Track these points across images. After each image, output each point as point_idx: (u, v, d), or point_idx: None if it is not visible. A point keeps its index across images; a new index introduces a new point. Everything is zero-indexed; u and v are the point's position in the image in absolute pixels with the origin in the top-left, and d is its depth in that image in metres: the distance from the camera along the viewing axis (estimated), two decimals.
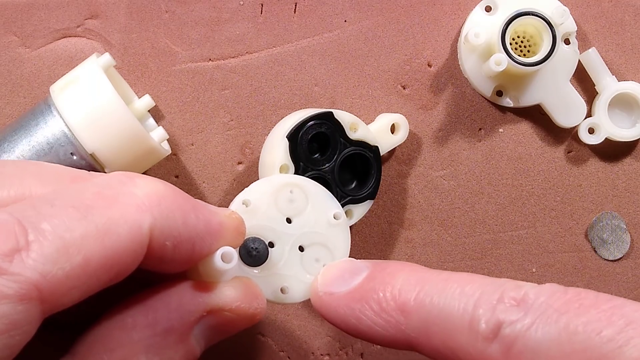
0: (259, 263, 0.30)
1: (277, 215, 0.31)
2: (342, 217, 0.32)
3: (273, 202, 0.31)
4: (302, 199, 0.32)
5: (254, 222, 0.31)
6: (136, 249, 0.24)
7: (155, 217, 0.25)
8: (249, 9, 0.41)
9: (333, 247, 0.32)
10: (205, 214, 0.27)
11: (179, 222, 0.25)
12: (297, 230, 0.31)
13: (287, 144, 0.36)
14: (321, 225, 0.32)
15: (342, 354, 0.42)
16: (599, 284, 0.43)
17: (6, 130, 0.36)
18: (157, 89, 0.40)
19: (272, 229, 0.31)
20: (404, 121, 0.40)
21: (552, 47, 0.38)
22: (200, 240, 0.26)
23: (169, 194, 0.26)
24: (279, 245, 0.31)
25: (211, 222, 0.27)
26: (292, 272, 0.31)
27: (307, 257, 0.32)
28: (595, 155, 0.42)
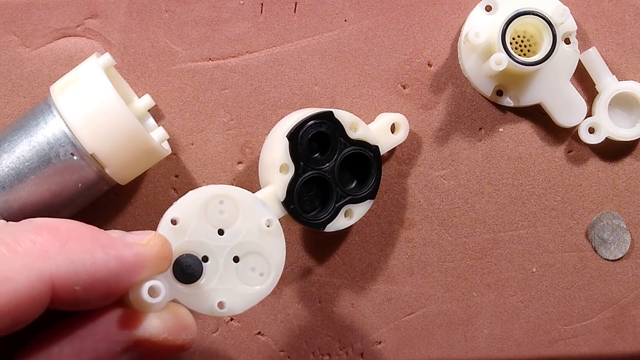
0: (193, 280, 0.30)
1: (208, 228, 0.31)
2: (275, 223, 0.32)
3: (203, 216, 0.31)
4: (232, 208, 0.31)
5: (185, 238, 0.30)
6: (36, 297, 0.24)
7: (59, 264, 0.24)
8: (249, 8, 0.41)
9: (268, 255, 0.32)
10: (118, 249, 0.26)
11: (86, 265, 0.25)
12: (230, 242, 0.31)
13: (287, 143, 0.36)
14: (254, 234, 0.31)
15: (342, 354, 0.42)
16: (599, 283, 0.43)
17: (6, 130, 0.36)
18: (157, 88, 0.40)
19: (204, 243, 0.30)
20: (404, 121, 0.40)
21: (552, 47, 0.38)
22: (115, 278, 0.26)
23: (75, 236, 0.25)
24: (213, 259, 0.31)
25: (124, 258, 0.26)
26: (229, 285, 0.31)
27: (242, 267, 0.31)
28: (595, 155, 0.42)
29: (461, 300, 0.42)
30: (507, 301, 0.43)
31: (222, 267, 0.31)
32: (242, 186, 0.41)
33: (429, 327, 0.42)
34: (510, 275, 0.42)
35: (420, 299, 0.42)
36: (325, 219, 0.37)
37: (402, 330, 0.42)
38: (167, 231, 0.30)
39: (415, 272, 0.42)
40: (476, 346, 0.43)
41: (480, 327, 0.42)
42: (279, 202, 0.36)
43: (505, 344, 0.43)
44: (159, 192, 0.41)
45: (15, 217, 0.35)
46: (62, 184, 0.35)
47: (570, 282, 0.43)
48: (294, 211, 0.36)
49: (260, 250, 0.32)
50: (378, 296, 0.42)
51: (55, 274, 0.24)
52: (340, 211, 0.37)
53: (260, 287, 0.32)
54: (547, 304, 0.43)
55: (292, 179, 0.36)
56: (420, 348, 0.42)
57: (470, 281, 0.42)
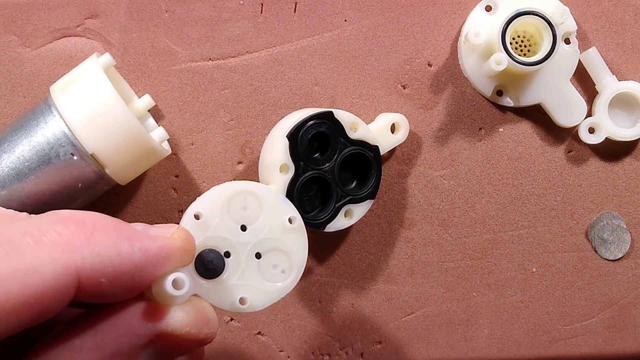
0: (215, 275, 0.30)
1: (231, 224, 0.31)
2: (298, 220, 0.32)
3: (226, 212, 0.31)
4: (255, 205, 0.31)
5: (208, 234, 0.30)
6: (62, 289, 0.24)
7: (85, 257, 0.24)
8: (249, 8, 0.41)
9: (290, 252, 0.32)
10: (143, 242, 0.26)
11: (112, 257, 0.25)
12: (252, 238, 0.31)
13: (287, 143, 0.36)
14: (277, 231, 0.32)
15: (342, 354, 0.42)
16: (599, 283, 0.43)
17: (6, 130, 0.36)
18: (157, 88, 0.40)
19: (227, 239, 0.31)
20: (404, 121, 0.40)
21: (552, 47, 0.38)
22: (140, 271, 0.26)
23: (100, 228, 0.25)
24: (235, 255, 0.31)
25: (150, 250, 0.26)
26: (250, 281, 0.31)
27: (264, 264, 0.31)
28: (595, 155, 0.42)
29: (461, 300, 0.42)
30: (507, 301, 0.43)
31: (244, 263, 0.31)
32: None
33: (429, 327, 0.42)
34: (510, 275, 0.42)
35: (420, 299, 0.42)
36: (325, 219, 0.37)
37: (402, 330, 0.42)
38: (190, 226, 0.30)
39: (415, 272, 0.42)
40: (476, 346, 0.43)
41: (480, 327, 0.42)
42: None
43: (505, 344, 0.43)
44: (159, 192, 0.41)
45: None
46: (62, 184, 0.35)
47: (570, 282, 0.43)
48: None
49: (282, 247, 0.32)
50: (378, 296, 0.42)
51: (81, 266, 0.24)
52: (340, 211, 0.37)
53: (282, 284, 0.32)
54: (547, 304, 0.43)
55: (292, 179, 0.36)
56: (420, 348, 0.42)
57: (470, 281, 0.42)
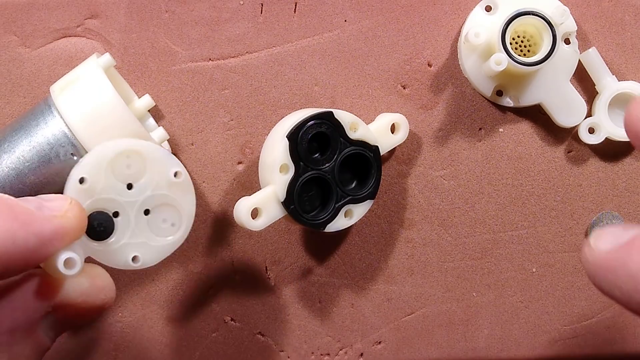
0: (105, 237, 0.30)
1: (116, 184, 0.31)
2: (184, 174, 0.32)
3: (110, 172, 0.31)
4: (139, 163, 0.31)
5: (95, 197, 0.30)
6: None
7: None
8: (249, 8, 0.41)
9: (178, 205, 0.32)
10: (37, 226, 0.26)
11: (7, 245, 0.25)
12: (139, 196, 0.31)
13: (287, 143, 0.36)
14: (163, 186, 0.32)
15: (342, 354, 0.42)
16: None
17: (6, 130, 0.36)
18: (157, 89, 0.40)
19: (114, 199, 0.31)
20: (404, 121, 0.40)
21: (552, 47, 0.38)
22: (34, 254, 0.26)
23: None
24: (124, 214, 0.31)
25: (43, 233, 0.26)
26: (141, 238, 0.31)
27: (153, 220, 0.32)
28: (595, 155, 0.42)
29: (461, 300, 0.42)
30: (507, 301, 0.43)
31: (133, 221, 0.31)
32: (242, 186, 0.41)
33: (429, 327, 0.42)
34: (510, 275, 0.42)
35: (420, 299, 0.42)
36: (325, 219, 0.37)
37: (402, 330, 0.42)
38: (76, 191, 0.30)
39: (415, 272, 0.42)
40: (476, 346, 0.43)
41: (480, 327, 0.42)
42: (279, 202, 0.36)
43: (505, 344, 0.43)
44: None
45: None
46: (62, 184, 0.35)
47: (570, 282, 0.43)
48: (294, 211, 0.36)
49: (170, 202, 0.32)
50: (378, 296, 0.42)
51: None
52: (340, 211, 0.37)
53: (173, 237, 0.32)
54: (547, 304, 0.43)
55: (292, 179, 0.36)
56: (420, 348, 0.42)
57: (470, 281, 0.42)
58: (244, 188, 0.41)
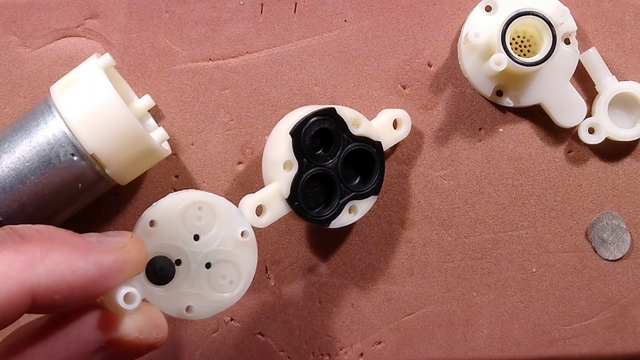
0: (164, 282, 0.30)
1: (184, 233, 0.31)
2: (250, 234, 0.32)
3: (181, 220, 0.31)
4: (210, 215, 0.32)
5: (161, 241, 0.30)
6: (15, 306, 0.24)
7: (40, 275, 0.24)
8: (249, 8, 0.41)
9: (240, 264, 0.32)
10: (97, 256, 0.26)
11: (67, 274, 0.25)
12: (204, 248, 0.31)
13: (291, 140, 0.36)
14: (228, 243, 0.32)
15: (342, 354, 0.42)
16: (599, 284, 0.43)
17: (6, 130, 0.36)
18: (157, 89, 0.40)
19: (179, 247, 0.31)
20: (406, 116, 0.40)
21: (552, 47, 0.38)
22: (93, 285, 0.26)
23: (55, 245, 0.25)
24: (186, 263, 0.31)
25: (104, 265, 0.26)
26: (198, 289, 0.31)
27: (213, 274, 0.32)
28: (595, 155, 0.42)
29: (461, 300, 0.42)
30: (507, 301, 0.43)
31: (193, 271, 0.31)
32: (242, 186, 0.41)
33: (429, 327, 0.42)
34: (510, 275, 0.42)
35: (420, 299, 0.42)
36: (329, 216, 0.37)
37: (402, 330, 0.42)
38: (144, 232, 0.30)
39: (415, 272, 0.42)
40: (476, 346, 0.43)
41: (480, 327, 0.42)
42: (283, 199, 0.36)
43: (505, 344, 0.43)
44: (159, 192, 0.41)
45: (16, 217, 0.35)
46: (62, 184, 0.35)
47: (570, 282, 0.43)
48: (299, 208, 0.36)
49: (232, 259, 0.32)
50: (378, 296, 0.42)
51: (36, 284, 0.24)
52: (344, 207, 0.37)
53: (229, 294, 0.32)
54: (547, 304, 0.43)
55: (295, 175, 0.36)
56: (420, 348, 0.42)
57: (470, 281, 0.42)
58: (244, 188, 0.41)
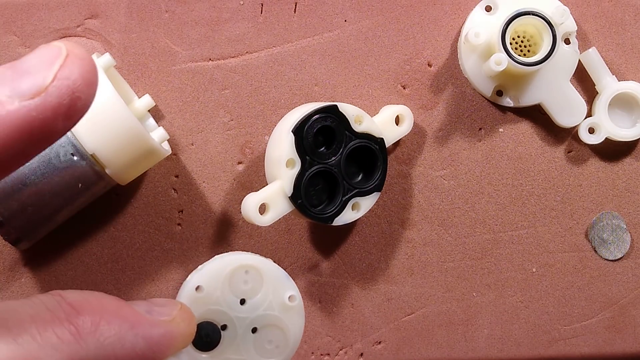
0: (210, 349, 0.30)
1: (230, 298, 0.30)
2: (298, 299, 0.31)
3: (227, 285, 0.30)
4: (257, 279, 0.31)
5: (207, 306, 0.30)
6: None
7: (89, 348, 0.24)
8: (249, 9, 0.41)
9: (286, 329, 0.31)
10: (146, 329, 0.25)
11: (116, 348, 0.24)
12: (251, 313, 0.30)
13: (293, 138, 0.36)
14: (276, 308, 0.31)
15: (342, 354, 0.42)
16: (599, 283, 0.43)
17: None
18: (157, 89, 0.40)
19: (225, 312, 0.30)
20: (408, 112, 0.40)
21: (552, 47, 0.38)
22: (141, 358, 0.25)
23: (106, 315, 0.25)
24: (232, 328, 0.30)
25: (152, 338, 0.25)
26: (244, 355, 0.30)
27: (259, 339, 0.31)
28: (595, 155, 0.42)
29: (461, 300, 0.42)
30: (507, 301, 0.43)
31: (240, 337, 0.30)
32: (242, 186, 0.41)
33: (429, 327, 0.42)
34: (510, 275, 0.42)
35: (420, 299, 0.42)
36: (332, 213, 0.37)
37: (402, 330, 0.42)
38: (190, 298, 0.30)
39: (415, 272, 0.42)
40: (476, 346, 0.43)
41: (480, 327, 0.42)
42: (286, 197, 0.36)
43: (505, 344, 0.43)
44: (159, 192, 0.41)
45: (16, 217, 0.35)
46: (62, 184, 0.35)
47: (570, 282, 0.43)
48: (302, 206, 0.36)
49: (279, 324, 0.31)
50: (378, 296, 0.42)
51: (85, 357, 0.24)
52: (347, 204, 0.37)
53: (275, 359, 0.31)
54: (547, 304, 0.43)
55: (298, 173, 0.36)
56: (420, 348, 0.42)
57: (470, 281, 0.42)
58: (244, 188, 0.41)
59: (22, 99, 0.21)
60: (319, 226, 0.41)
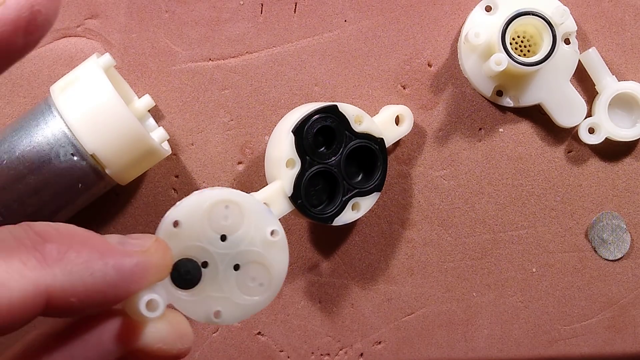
0: (190, 286, 0.29)
1: (210, 233, 0.29)
2: (280, 234, 0.30)
3: (206, 220, 0.29)
4: (237, 215, 0.30)
5: (186, 243, 0.29)
6: (29, 307, 0.23)
7: (56, 275, 0.23)
8: (249, 9, 0.41)
9: (270, 265, 0.30)
10: (117, 259, 0.25)
11: (84, 276, 0.24)
12: (232, 249, 0.29)
13: (293, 138, 0.36)
14: (257, 243, 0.30)
15: (342, 354, 0.42)
16: (599, 283, 0.43)
17: (6, 130, 0.36)
18: (157, 89, 0.40)
19: (205, 248, 0.29)
20: (408, 112, 0.40)
21: (552, 47, 0.38)
22: (113, 289, 0.25)
23: (74, 245, 0.24)
24: (213, 266, 0.29)
25: (124, 268, 0.25)
26: (226, 293, 0.29)
27: (242, 276, 0.30)
28: (595, 155, 0.42)
29: (461, 300, 0.42)
30: (507, 301, 0.43)
31: (221, 274, 0.29)
32: (242, 186, 0.41)
33: (429, 327, 0.42)
34: (510, 275, 0.42)
35: (420, 299, 0.42)
36: (332, 213, 0.37)
37: (402, 330, 0.42)
38: (168, 234, 0.29)
39: (415, 272, 0.42)
40: (476, 346, 0.43)
41: (480, 327, 0.42)
42: (286, 197, 0.36)
43: (505, 344, 0.43)
44: (159, 192, 0.41)
45: (16, 217, 0.35)
46: (62, 184, 0.35)
47: (570, 282, 0.43)
48: (302, 206, 0.36)
49: (262, 260, 0.30)
50: (378, 296, 0.42)
51: (52, 284, 0.23)
52: (347, 204, 0.37)
53: (259, 297, 0.30)
54: (547, 304, 0.43)
55: (298, 173, 0.36)
56: (420, 348, 0.42)
57: (470, 281, 0.42)
58: (244, 188, 0.41)
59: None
60: (319, 226, 0.41)
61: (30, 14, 0.21)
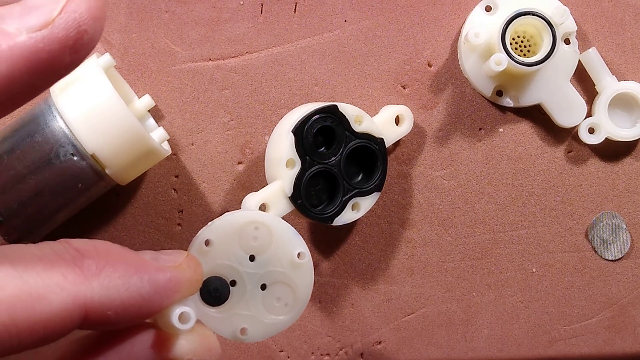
0: (219, 303, 0.30)
1: (240, 253, 0.30)
2: (307, 256, 0.31)
3: (236, 240, 0.30)
4: (266, 236, 0.31)
5: (216, 261, 0.30)
6: (67, 319, 0.24)
7: (94, 289, 0.24)
8: (249, 9, 0.41)
9: (295, 286, 0.31)
10: (151, 274, 0.26)
11: (121, 291, 0.25)
12: (260, 269, 0.31)
13: (293, 138, 0.36)
14: (285, 264, 0.31)
15: (342, 354, 0.42)
16: (599, 284, 0.43)
17: (6, 130, 0.36)
18: (157, 89, 0.40)
19: (234, 268, 0.30)
20: (408, 112, 0.40)
21: (552, 47, 0.38)
22: (147, 303, 0.25)
23: (110, 260, 0.25)
24: (241, 284, 0.30)
25: (158, 282, 0.26)
26: (253, 311, 0.31)
27: (268, 296, 0.31)
28: (595, 155, 0.42)
29: (461, 300, 0.42)
30: (507, 301, 0.43)
31: (248, 293, 0.30)
32: (242, 186, 0.41)
33: (429, 327, 0.42)
34: (510, 275, 0.42)
35: (420, 299, 0.42)
36: (332, 213, 0.37)
37: (402, 330, 0.42)
38: (199, 252, 0.30)
39: (415, 272, 0.42)
40: (476, 346, 0.43)
41: (480, 327, 0.43)
42: (286, 197, 0.36)
43: (505, 344, 0.43)
44: (159, 192, 0.41)
45: (16, 217, 0.35)
46: (62, 184, 0.35)
47: (570, 282, 0.43)
48: (302, 206, 0.36)
49: (288, 281, 0.31)
50: (378, 296, 0.42)
51: (90, 298, 0.24)
52: (347, 205, 0.37)
53: (284, 317, 0.31)
54: (547, 304, 0.43)
55: (298, 173, 0.36)
56: (420, 348, 0.42)
57: (470, 281, 0.42)
58: (244, 188, 0.41)
59: (29, 31, 0.22)
60: (319, 226, 0.41)
61: (77, 33, 0.23)
